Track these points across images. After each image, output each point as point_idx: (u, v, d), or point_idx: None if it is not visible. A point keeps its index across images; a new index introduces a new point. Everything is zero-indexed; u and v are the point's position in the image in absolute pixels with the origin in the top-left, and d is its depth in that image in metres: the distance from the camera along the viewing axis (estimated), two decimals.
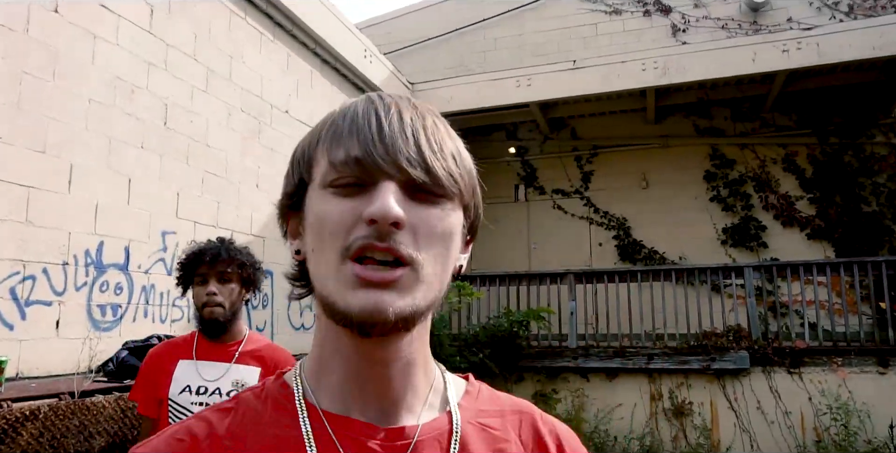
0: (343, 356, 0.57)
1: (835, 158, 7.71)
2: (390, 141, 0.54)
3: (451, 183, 0.56)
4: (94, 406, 2.68)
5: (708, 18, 8.44)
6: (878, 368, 5.70)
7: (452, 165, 0.57)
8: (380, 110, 0.56)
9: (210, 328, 1.89)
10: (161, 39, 3.92)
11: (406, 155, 0.53)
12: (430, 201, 0.55)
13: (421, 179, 0.54)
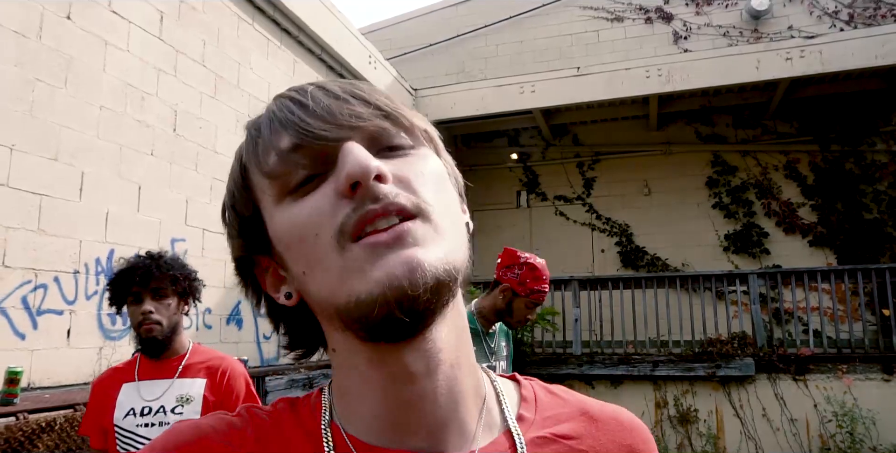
0: (371, 383, 0.46)
1: (836, 166, 7.75)
2: (324, 110, 0.45)
3: (416, 125, 0.48)
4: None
5: (709, 26, 8.49)
6: (883, 375, 5.70)
7: (406, 111, 0.48)
8: (294, 95, 0.47)
9: (150, 347, 1.80)
10: (171, 46, 3.90)
11: (350, 112, 0.45)
12: (402, 152, 0.46)
13: (381, 126, 0.45)
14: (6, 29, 2.88)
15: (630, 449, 0.53)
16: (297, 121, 0.45)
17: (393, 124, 0.46)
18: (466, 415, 0.47)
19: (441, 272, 0.41)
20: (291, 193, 0.45)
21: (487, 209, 8.96)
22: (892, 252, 7.33)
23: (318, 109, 0.45)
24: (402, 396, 0.45)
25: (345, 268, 0.42)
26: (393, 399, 0.45)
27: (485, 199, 8.96)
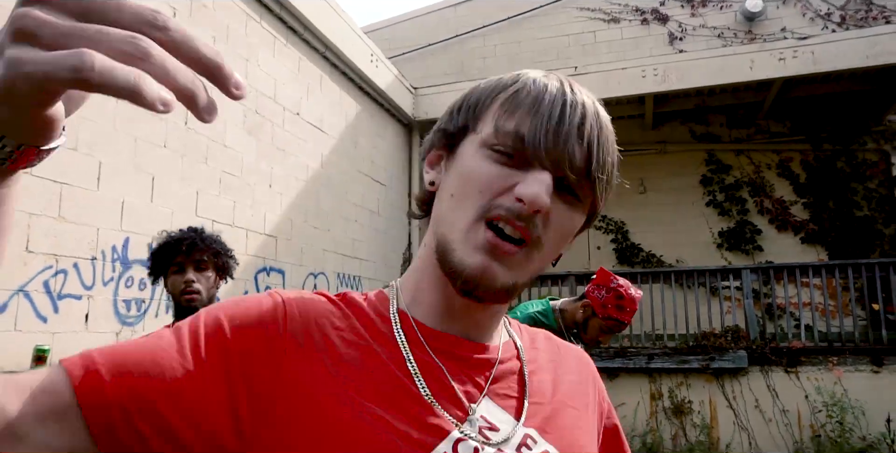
0: (440, 289, 0.62)
1: (828, 164, 7.92)
2: (565, 137, 0.56)
3: (597, 194, 0.60)
4: None
5: (704, 27, 8.64)
6: (873, 367, 5.86)
7: (605, 180, 0.60)
8: (567, 101, 0.58)
9: (187, 316, 1.93)
10: None
11: (573, 158, 0.56)
12: (569, 201, 0.59)
13: (575, 184, 0.58)
14: None
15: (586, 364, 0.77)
16: (544, 128, 0.56)
17: (583, 186, 0.58)
18: (493, 325, 0.67)
19: (507, 286, 0.58)
20: (491, 149, 0.58)
21: None
22: (882, 248, 7.50)
23: (563, 134, 0.56)
24: (458, 303, 0.62)
25: (467, 233, 0.58)
26: (451, 302, 0.63)
27: None
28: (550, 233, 0.58)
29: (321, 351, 0.57)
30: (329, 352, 0.57)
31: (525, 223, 0.56)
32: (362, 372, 0.57)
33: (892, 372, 5.81)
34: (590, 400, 0.73)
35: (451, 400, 0.60)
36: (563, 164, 0.56)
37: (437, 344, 0.62)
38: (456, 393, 0.60)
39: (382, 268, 6.74)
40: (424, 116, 7.75)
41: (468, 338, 0.64)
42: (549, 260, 0.62)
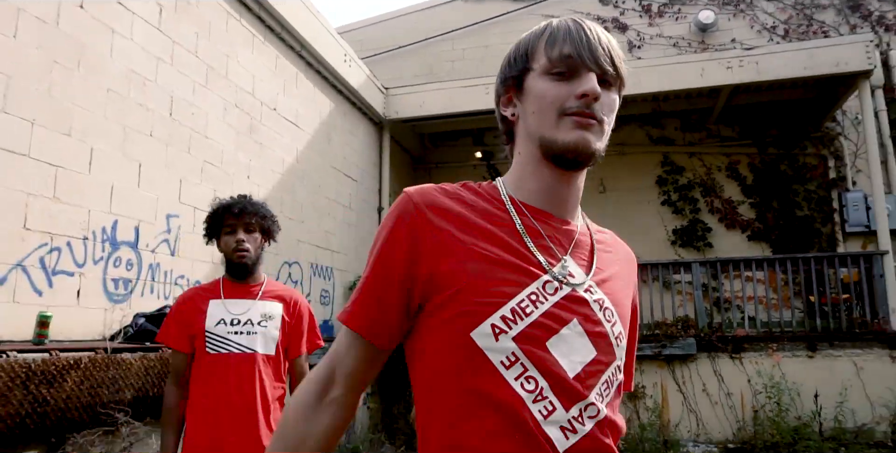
0: (540, 176, 0.93)
1: (772, 167, 8.47)
2: (595, 47, 0.87)
3: (623, 77, 0.92)
4: (125, 362, 2.97)
5: (661, 36, 9.15)
6: (808, 352, 6.35)
7: (623, 67, 0.92)
8: (586, 28, 0.89)
9: (238, 271, 2.21)
10: (168, 36, 4.22)
11: (603, 58, 0.88)
12: (610, 87, 0.90)
13: (611, 74, 0.89)
14: (30, 15, 3.18)
15: (632, 258, 1.07)
16: (580, 45, 0.87)
17: (614, 71, 0.89)
18: (575, 209, 0.96)
19: (592, 150, 0.87)
20: (549, 74, 0.89)
21: None
22: (820, 245, 8.06)
23: (593, 45, 0.87)
24: (553, 190, 0.93)
25: (557, 126, 0.87)
26: (549, 185, 0.93)
27: None
28: (606, 111, 0.89)
29: (452, 222, 0.88)
30: (460, 220, 0.89)
31: (591, 110, 0.87)
32: (486, 232, 0.88)
33: (824, 356, 6.31)
34: (630, 281, 1.03)
35: (547, 252, 0.90)
36: (601, 66, 0.87)
37: (536, 215, 0.91)
38: (550, 248, 0.91)
39: (354, 261, 6.98)
40: (395, 116, 8.03)
41: (557, 215, 0.94)
42: (609, 131, 0.93)
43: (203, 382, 2.06)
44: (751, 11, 8.91)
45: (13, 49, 3.08)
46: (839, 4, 8.63)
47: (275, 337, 2.17)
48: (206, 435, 2.01)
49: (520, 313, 0.83)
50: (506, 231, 0.89)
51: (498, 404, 0.81)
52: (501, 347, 0.82)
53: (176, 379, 2.14)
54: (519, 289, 0.84)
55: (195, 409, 2.05)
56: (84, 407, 2.75)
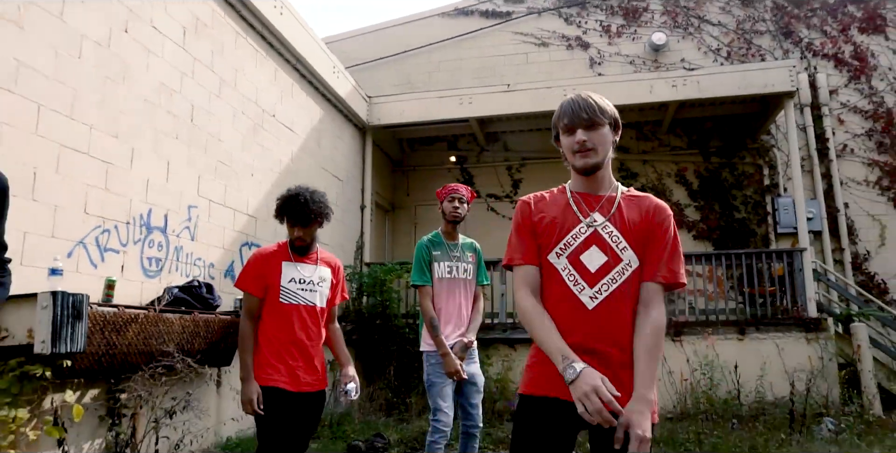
0: (577, 179, 1.87)
1: (715, 174, 9.47)
2: (579, 112, 1.76)
3: (601, 118, 1.77)
4: (168, 320, 3.70)
5: (619, 54, 10.11)
6: (738, 336, 7.29)
7: (601, 115, 1.77)
8: (577, 100, 1.79)
9: (298, 250, 2.96)
10: (190, 54, 4.95)
11: (585, 117, 1.75)
12: (597, 126, 1.76)
13: (592, 121, 1.75)
14: (90, 39, 3.89)
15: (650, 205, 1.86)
16: (571, 115, 1.79)
17: (591, 119, 1.76)
18: (602, 187, 1.86)
19: (592, 164, 1.80)
20: (564, 133, 1.83)
21: (428, 204, 10.20)
22: (756, 244, 9.07)
23: (577, 112, 1.77)
24: (584, 181, 1.87)
25: (573, 157, 1.82)
26: (582, 181, 1.88)
27: (426, 196, 10.19)
28: (597, 141, 1.76)
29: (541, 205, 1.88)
30: (544, 204, 1.88)
31: (584, 146, 1.76)
32: (556, 208, 1.85)
33: (752, 339, 7.26)
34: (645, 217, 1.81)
35: (583, 211, 1.81)
36: (584, 122, 1.76)
37: (580, 195, 1.84)
38: (585, 209, 1.80)
39: (339, 253, 7.71)
40: (377, 122, 8.81)
41: (592, 193, 1.84)
42: (607, 151, 1.80)
43: (277, 322, 2.82)
44: (698, 34, 9.92)
45: (78, 67, 3.79)
46: (774, 31, 9.70)
47: (326, 294, 2.99)
48: (285, 363, 2.77)
49: (568, 245, 1.78)
50: (564, 204, 1.83)
51: (558, 286, 1.77)
52: (560, 262, 1.78)
53: (250, 316, 2.88)
54: (567, 232, 1.78)
55: (271, 342, 2.80)
56: (140, 353, 3.47)
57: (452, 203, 3.60)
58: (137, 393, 3.59)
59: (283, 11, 6.32)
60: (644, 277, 1.75)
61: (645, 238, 1.76)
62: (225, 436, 4.92)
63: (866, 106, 9.22)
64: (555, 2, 10.50)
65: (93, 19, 3.94)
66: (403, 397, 6.86)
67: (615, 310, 1.70)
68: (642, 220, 1.77)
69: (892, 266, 8.74)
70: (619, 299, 1.71)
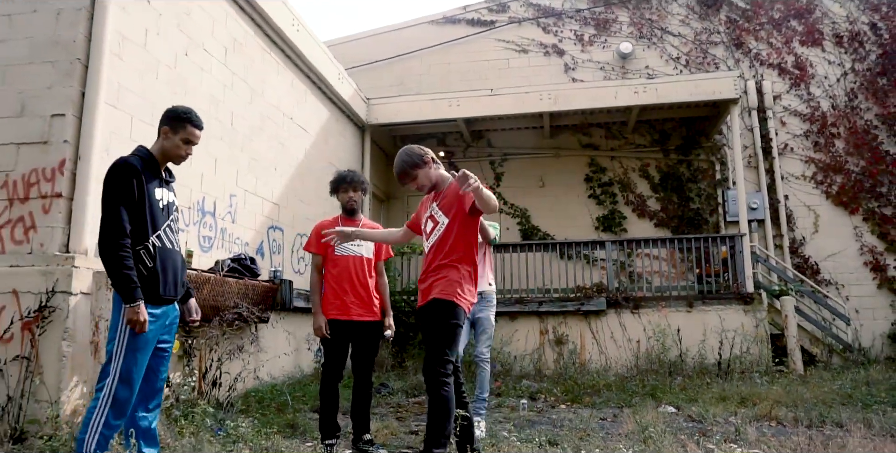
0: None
1: (674, 169, 10.70)
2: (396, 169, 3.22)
3: (413, 173, 3.17)
4: (228, 283, 4.80)
5: (591, 61, 11.26)
6: (687, 308, 8.53)
7: (411, 170, 3.17)
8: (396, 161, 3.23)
9: (350, 212, 4.03)
10: (230, 69, 6.00)
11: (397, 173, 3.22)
12: (413, 178, 3.21)
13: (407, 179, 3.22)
14: (163, 64, 4.95)
15: (456, 188, 3.02)
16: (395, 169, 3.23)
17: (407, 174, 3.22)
18: (438, 188, 3.16)
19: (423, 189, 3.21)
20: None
21: (419, 194, 11.30)
22: (708, 231, 10.32)
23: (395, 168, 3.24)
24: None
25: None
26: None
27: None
28: (421, 181, 3.23)
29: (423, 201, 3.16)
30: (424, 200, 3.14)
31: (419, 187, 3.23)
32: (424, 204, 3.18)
33: (698, 311, 8.49)
34: (455, 195, 3.02)
35: (431, 205, 3.20)
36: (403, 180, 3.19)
37: (433, 197, 3.12)
38: (433, 204, 3.05)
39: None
40: (375, 121, 9.89)
41: (436, 193, 3.18)
42: (429, 180, 3.21)
43: (335, 270, 3.90)
44: (661, 44, 11.11)
45: (155, 85, 4.85)
46: (727, 42, 10.93)
47: (371, 249, 4.00)
48: (340, 300, 3.86)
49: (424, 225, 3.08)
50: (427, 202, 3.05)
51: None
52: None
53: (318, 270, 3.96)
54: (422, 217, 3.06)
55: (331, 285, 3.88)
56: (210, 306, 4.57)
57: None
58: (207, 337, 4.69)
59: (299, 28, 7.37)
60: None
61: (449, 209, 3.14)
62: (266, 373, 6.04)
63: (805, 110, 10.50)
64: (534, 12, 11.62)
65: (165, 47, 4.99)
66: (401, 359, 8.03)
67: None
68: (454, 198, 3.11)
69: (824, 250, 10.05)
70: (438, 249, 3.13)
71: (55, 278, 3.78)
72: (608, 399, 5.91)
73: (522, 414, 5.15)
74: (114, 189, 2.63)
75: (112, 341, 2.56)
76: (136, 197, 2.65)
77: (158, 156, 2.89)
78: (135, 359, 2.55)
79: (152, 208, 2.72)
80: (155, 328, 2.64)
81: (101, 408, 2.48)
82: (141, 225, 2.65)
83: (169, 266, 2.75)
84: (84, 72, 4.20)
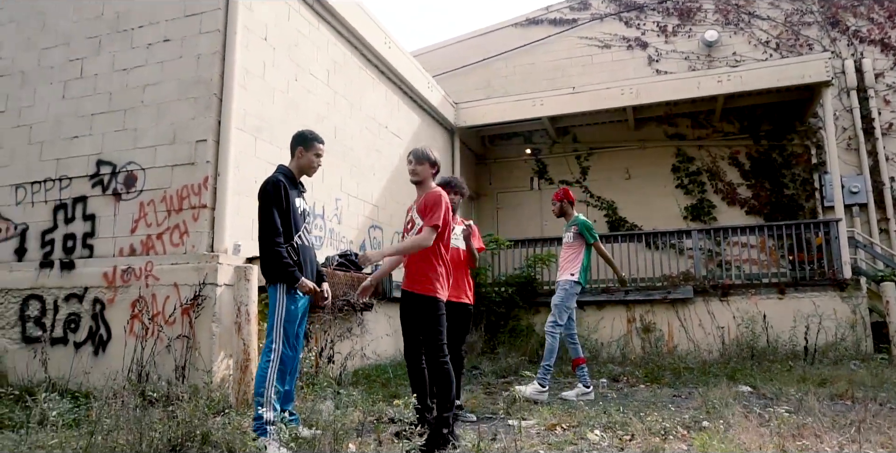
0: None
1: (766, 156, 10.55)
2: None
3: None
4: (338, 275, 5.61)
5: (675, 52, 11.31)
6: (778, 295, 8.52)
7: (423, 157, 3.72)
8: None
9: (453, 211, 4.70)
10: (332, 89, 6.85)
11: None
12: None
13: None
14: (278, 90, 5.84)
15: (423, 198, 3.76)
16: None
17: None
18: (420, 195, 3.82)
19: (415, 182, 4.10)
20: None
21: (508, 191, 11.90)
22: (804, 217, 10.11)
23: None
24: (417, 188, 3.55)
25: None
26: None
27: (506, 184, 11.92)
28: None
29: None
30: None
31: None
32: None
33: (790, 298, 8.46)
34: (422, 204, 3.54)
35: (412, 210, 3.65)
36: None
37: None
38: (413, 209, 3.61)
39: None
40: (463, 124, 10.55)
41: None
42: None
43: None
44: (749, 29, 10.95)
45: (270, 109, 5.74)
46: (822, 22, 10.59)
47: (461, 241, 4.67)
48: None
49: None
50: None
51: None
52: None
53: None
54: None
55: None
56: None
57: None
58: (321, 322, 5.53)
59: (391, 45, 8.14)
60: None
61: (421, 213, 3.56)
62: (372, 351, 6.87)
63: None
64: (615, 7, 11.80)
65: (278, 76, 5.89)
66: (493, 345, 8.64)
67: None
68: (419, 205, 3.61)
69: None
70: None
71: (204, 273, 4.71)
72: (687, 380, 6.22)
73: (601, 391, 5.60)
74: (269, 200, 3.38)
75: (272, 316, 3.33)
76: (285, 206, 3.40)
77: (296, 171, 3.64)
78: (288, 329, 3.32)
79: (294, 214, 3.47)
80: (302, 306, 3.41)
81: (271, 368, 3.23)
82: (287, 228, 3.40)
83: (308, 259, 3.51)
84: (219, 104, 5.13)
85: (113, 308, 4.91)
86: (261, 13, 5.68)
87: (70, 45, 5.80)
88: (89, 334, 4.92)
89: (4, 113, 5.93)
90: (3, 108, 5.95)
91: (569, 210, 5.85)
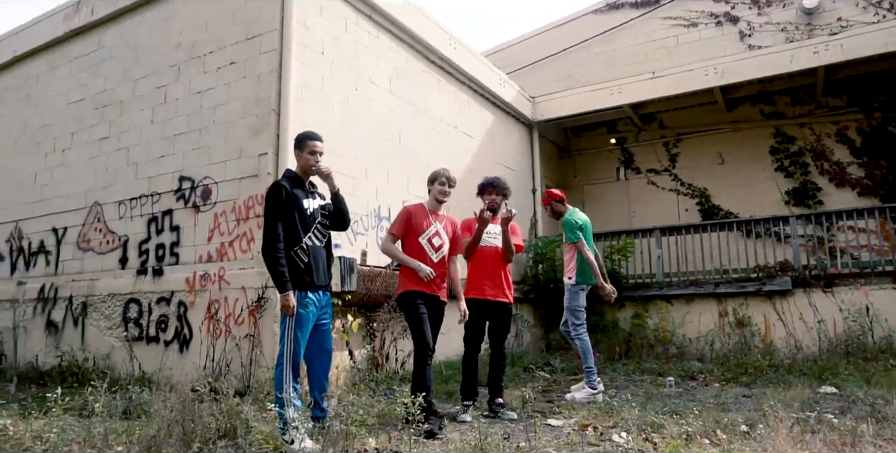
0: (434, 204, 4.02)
1: (880, 130, 9.52)
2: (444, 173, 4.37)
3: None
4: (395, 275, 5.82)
5: (770, 24, 10.48)
6: (893, 286, 7.68)
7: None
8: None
9: (492, 211, 4.74)
10: (394, 94, 7.08)
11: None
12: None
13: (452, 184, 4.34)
14: (337, 102, 6.14)
15: (451, 218, 3.69)
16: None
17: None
18: (440, 211, 3.83)
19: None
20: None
21: (594, 183, 11.62)
22: None
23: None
24: (438, 205, 3.70)
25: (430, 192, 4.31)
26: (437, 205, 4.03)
27: (591, 175, 11.64)
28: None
29: (417, 216, 4.27)
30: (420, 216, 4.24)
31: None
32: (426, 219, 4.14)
33: None
34: (450, 222, 3.97)
35: (430, 221, 4.19)
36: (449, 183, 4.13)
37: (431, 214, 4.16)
38: (433, 222, 3.97)
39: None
40: (541, 118, 10.44)
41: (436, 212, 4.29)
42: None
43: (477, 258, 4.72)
44: None
45: (334, 121, 6.06)
46: None
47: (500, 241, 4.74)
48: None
49: (428, 237, 4.00)
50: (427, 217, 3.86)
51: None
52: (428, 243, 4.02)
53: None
54: (426, 230, 3.99)
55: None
56: (382, 295, 5.63)
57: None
58: (381, 320, 5.78)
59: (456, 46, 8.25)
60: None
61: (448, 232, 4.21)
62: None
63: None
64: None
65: (337, 87, 6.20)
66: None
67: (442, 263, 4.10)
68: (449, 225, 4.27)
69: None
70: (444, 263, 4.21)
71: (266, 277, 5.10)
72: (770, 379, 5.82)
73: (666, 391, 5.40)
74: (270, 205, 3.57)
75: (283, 322, 3.54)
76: (288, 209, 3.56)
77: (300, 173, 3.80)
78: (297, 335, 3.48)
79: (302, 216, 3.61)
80: (313, 310, 3.62)
81: (286, 370, 3.48)
82: (294, 230, 3.57)
83: (320, 260, 3.66)
84: (277, 119, 5.51)
85: (194, 310, 5.45)
86: (318, 30, 6.01)
87: (157, 74, 6.47)
88: (175, 333, 5.50)
89: (108, 138, 6.73)
90: (107, 135, 6.76)
91: (561, 209, 5.68)
